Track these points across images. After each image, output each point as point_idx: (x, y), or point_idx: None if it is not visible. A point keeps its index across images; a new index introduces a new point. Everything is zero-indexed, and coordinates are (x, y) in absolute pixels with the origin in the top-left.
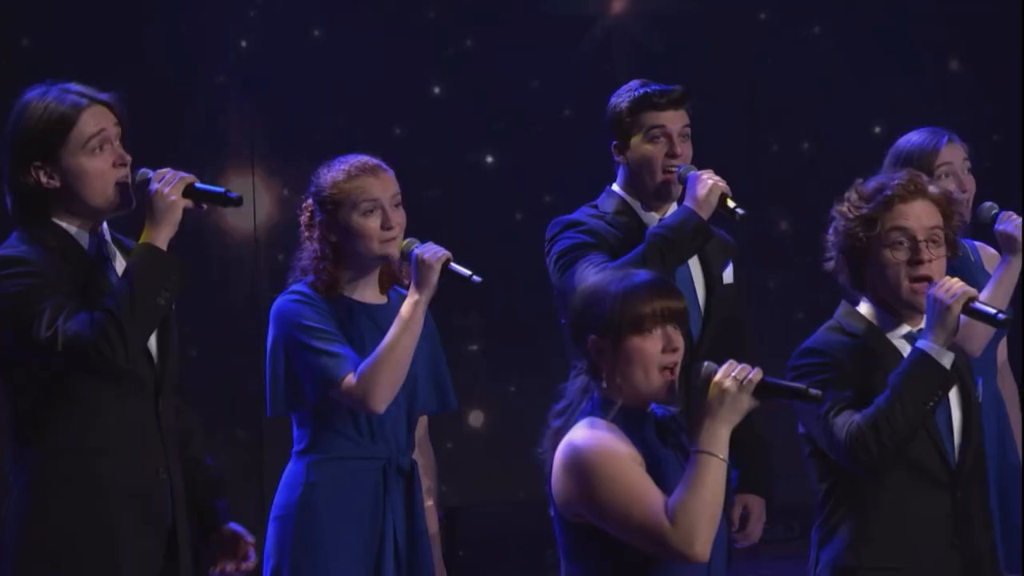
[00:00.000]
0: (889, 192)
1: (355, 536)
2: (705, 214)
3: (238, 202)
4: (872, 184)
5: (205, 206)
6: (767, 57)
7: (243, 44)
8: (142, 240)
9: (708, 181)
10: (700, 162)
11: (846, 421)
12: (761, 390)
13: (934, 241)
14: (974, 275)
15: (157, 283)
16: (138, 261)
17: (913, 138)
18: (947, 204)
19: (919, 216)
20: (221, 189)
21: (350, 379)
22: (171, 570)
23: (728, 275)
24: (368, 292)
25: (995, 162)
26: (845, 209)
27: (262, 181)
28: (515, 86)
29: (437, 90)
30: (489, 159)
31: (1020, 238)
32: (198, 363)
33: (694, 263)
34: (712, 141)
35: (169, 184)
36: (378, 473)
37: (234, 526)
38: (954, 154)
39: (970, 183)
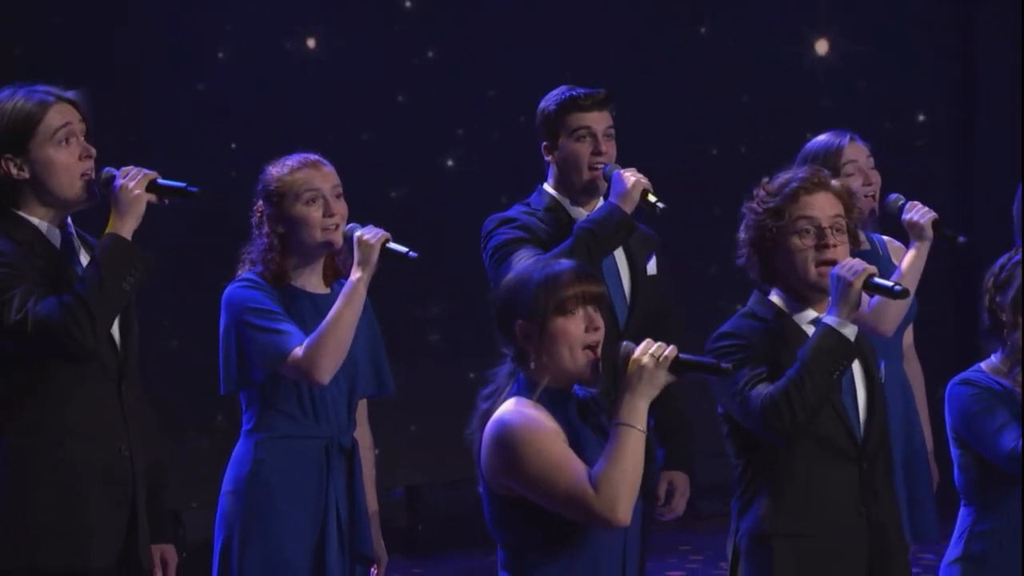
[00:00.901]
0: (795, 184)
1: (300, 510)
2: (628, 209)
3: (198, 195)
4: (778, 180)
5: (167, 200)
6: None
7: (220, 55)
8: (108, 231)
9: (631, 178)
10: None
11: (760, 393)
12: (676, 366)
13: (838, 229)
14: (883, 267)
15: (123, 270)
16: (105, 249)
17: (819, 139)
18: (848, 197)
19: (823, 206)
20: (182, 184)
21: (296, 352)
22: (131, 542)
23: (652, 267)
24: (313, 281)
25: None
26: (755, 204)
27: (241, 181)
28: (474, 95)
29: (401, 98)
30: (450, 162)
31: (926, 225)
32: (178, 353)
33: (620, 256)
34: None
35: (133, 179)
36: (321, 451)
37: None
38: (857, 152)
39: (875, 177)
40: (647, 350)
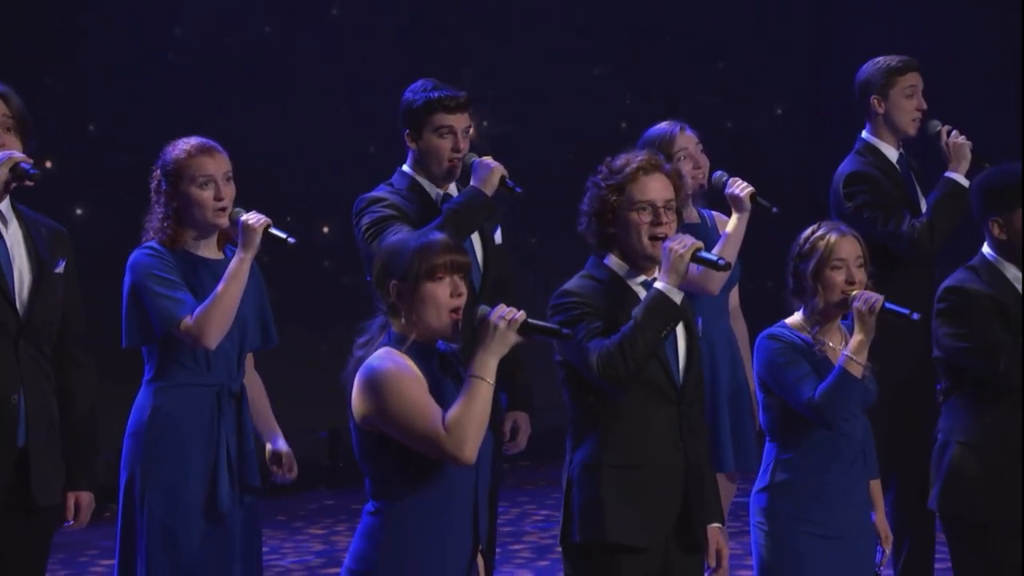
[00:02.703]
0: (635, 165)
1: (195, 449)
2: (489, 192)
3: (34, 177)
4: (620, 160)
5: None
6: None
7: (170, 56)
8: None
9: (490, 165)
10: None
11: (597, 346)
12: (524, 328)
13: (669, 208)
14: (710, 237)
15: None
16: None
17: (655, 128)
18: (677, 179)
19: (658, 189)
20: (29, 167)
21: (187, 320)
22: (22, 485)
23: (498, 237)
24: (207, 249)
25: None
26: (599, 180)
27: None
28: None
29: (331, 93)
30: (372, 148)
31: (745, 198)
32: None
33: None
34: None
35: None
36: (213, 397)
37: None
38: (687, 140)
39: (704, 161)
40: (500, 313)
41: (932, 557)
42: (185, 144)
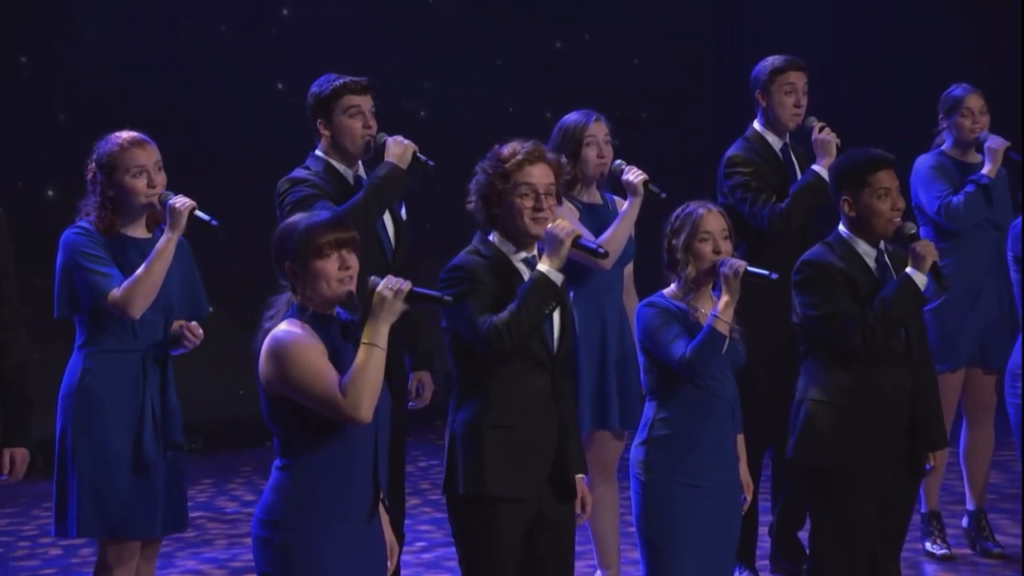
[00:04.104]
0: (521, 156)
1: (122, 409)
2: (404, 167)
3: None
4: (507, 150)
5: None
6: None
7: (141, 46)
8: None
9: (403, 143)
10: None
11: (486, 322)
12: (410, 297)
13: (549, 194)
14: (609, 218)
15: None
16: None
17: (571, 116)
18: (558, 167)
19: (540, 176)
20: None
21: (115, 292)
22: None
23: (403, 213)
24: (137, 230)
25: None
26: (487, 166)
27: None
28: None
29: (281, 85)
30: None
31: (638, 184)
32: None
33: None
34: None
35: None
36: (139, 362)
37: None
38: (599, 129)
39: (608, 152)
40: (387, 284)
41: (805, 507)
42: (118, 138)
